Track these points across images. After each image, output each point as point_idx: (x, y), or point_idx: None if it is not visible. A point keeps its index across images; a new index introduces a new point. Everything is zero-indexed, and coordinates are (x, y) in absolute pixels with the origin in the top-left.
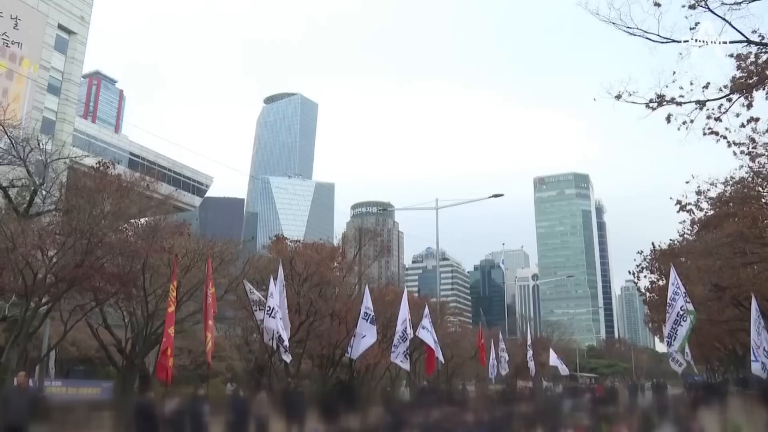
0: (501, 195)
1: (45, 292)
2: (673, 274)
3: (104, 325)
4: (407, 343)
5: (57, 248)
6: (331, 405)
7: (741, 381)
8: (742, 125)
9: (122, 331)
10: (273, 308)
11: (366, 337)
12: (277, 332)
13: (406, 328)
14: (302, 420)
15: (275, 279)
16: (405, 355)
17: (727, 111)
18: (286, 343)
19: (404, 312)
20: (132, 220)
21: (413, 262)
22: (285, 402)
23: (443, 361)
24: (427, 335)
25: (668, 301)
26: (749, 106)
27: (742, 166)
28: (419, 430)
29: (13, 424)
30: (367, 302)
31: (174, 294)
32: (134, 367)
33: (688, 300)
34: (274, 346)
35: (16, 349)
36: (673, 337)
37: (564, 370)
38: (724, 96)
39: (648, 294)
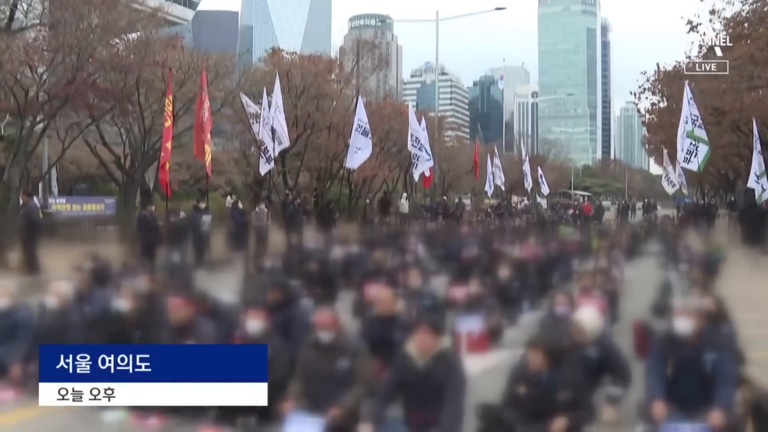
0: (504, 8)
1: (38, 111)
2: (686, 96)
3: (102, 142)
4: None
5: (46, 65)
6: (328, 215)
7: (730, 204)
8: None
9: (120, 148)
10: (265, 118)
11: (361, 150)
12: (264, 142)
13: (420, 143)
14: (300, 230)
15: (270, 92)
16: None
17: None
18: (270, 153)
19: (416, 129)
20: (123, 35)
21: (411, 76)
22: (284, 213)
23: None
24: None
25: (685, 117)
26: None
27: None
28: (419, 240)
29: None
30: (361, 114)
31: (170, 108)
32: (134, 183)
33: (702, 127)
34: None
35: (16, 167)
36: (693, 154)
37: (545, 189)
38: None
39: (648, 115)
